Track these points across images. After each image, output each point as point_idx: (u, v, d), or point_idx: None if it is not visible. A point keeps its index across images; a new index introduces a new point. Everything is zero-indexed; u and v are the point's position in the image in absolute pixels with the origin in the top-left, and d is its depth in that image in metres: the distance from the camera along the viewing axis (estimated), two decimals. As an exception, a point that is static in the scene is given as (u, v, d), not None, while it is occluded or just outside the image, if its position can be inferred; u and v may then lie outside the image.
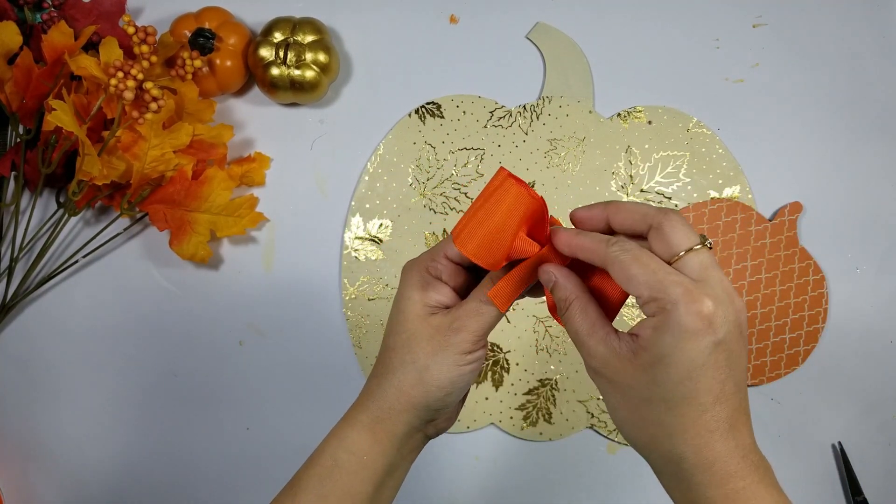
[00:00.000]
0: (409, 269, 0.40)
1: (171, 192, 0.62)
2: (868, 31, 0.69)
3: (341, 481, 0.38)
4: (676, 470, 0.32)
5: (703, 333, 0.30)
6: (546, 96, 0.67)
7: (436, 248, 0.39)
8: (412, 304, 0.38)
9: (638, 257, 0.31)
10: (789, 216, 0.65)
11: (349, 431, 0.39)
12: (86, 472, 0.66)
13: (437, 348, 0.37)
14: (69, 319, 0.67)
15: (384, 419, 0.38)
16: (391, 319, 0.40)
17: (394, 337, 0.39)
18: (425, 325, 0.38)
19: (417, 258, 0.40)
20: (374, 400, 0.39)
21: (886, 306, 0.65)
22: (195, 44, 0.63)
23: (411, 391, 0.38)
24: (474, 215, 0.35)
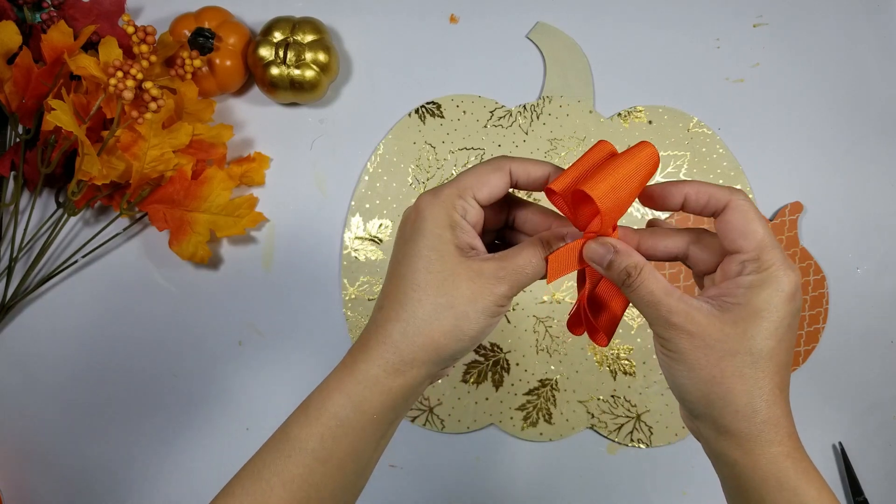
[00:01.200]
0: (430, 204, 0.35)
1: (170, 192, 0.62)
2: (868, 31, 0.69)
3: (346, 441, 0.35)
4: (747, 426, 0.33)
5: (792, 298, 0.33)
6: (546, 96, 0.67)
7: (458, 185, 0.36)
8: (444, 243, 0.35)
9: (759, 213, 0.34)
10: (790, 216, 0.65)
11: (357, 387, 0.35)
12: (86, 472, 0.66)
13: (477, 294, 0.34)
14: (69, 319, 0.67)
15: (404, 371, 0.35)
16: (413, 255, 0.35)
17: (423, 275, 0.34)
18: (463, 266, 0.34)
19: (439, 194, 0.36)
20: (392, 348, 0.35)
21: (887, 306, 0.65)
22: (195, 43, 0.63)
23: (442, 339, 0.34)
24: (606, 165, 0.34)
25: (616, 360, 0.65)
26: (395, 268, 0.36)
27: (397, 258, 0.36)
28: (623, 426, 0.64)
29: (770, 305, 0.33)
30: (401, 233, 0.37)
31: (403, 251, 0.36)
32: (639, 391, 0.64)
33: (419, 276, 0.34)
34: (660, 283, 0.34)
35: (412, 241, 0.35)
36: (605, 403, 0.64)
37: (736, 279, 0.34)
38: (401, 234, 0.37)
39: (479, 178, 0.36)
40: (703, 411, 0.34)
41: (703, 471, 0.64)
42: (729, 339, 0.33)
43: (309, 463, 0.34)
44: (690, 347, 0.33)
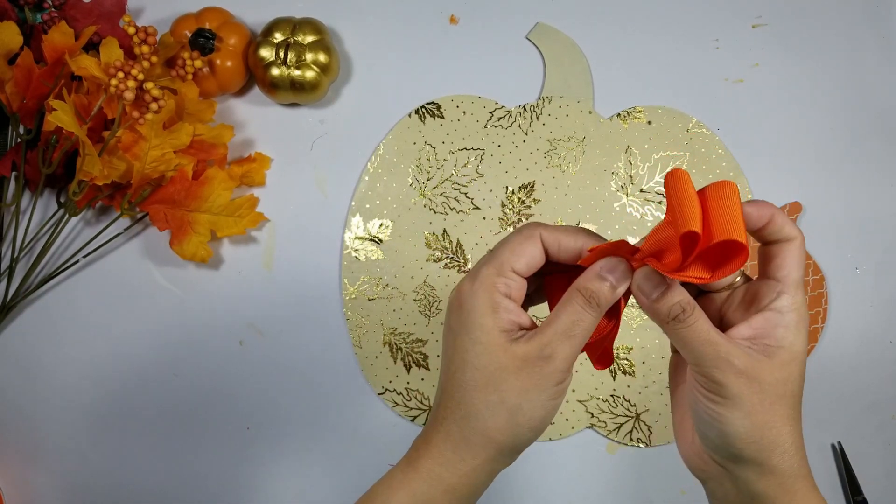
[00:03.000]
0: (471, 291, 0.34)
1: (171, 193, 0.62)
2: (868, 31, 0.69)
3: None
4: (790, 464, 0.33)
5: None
6: (546, 96, 0.67)
7: (495, 263, 0.34)
8: (487, 332, 0.33)
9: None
10: (789, 216, 0.65)
11: (421, 485, 0.34)
12: (86, 473, 0.66)
13: (527, 383, 0.33)
14: (69, 319, 0.67)
15: (465, 469, 0.34)
16: (460, 350, 0.34)
17: (471, 373, 0.33)
18: (509, 356, 0.33)
19: (477, 276, 0.34)
20: (451, 446, 0.34)
21: (886, 306, 0.65)
22: (195, 44, 0.63)
23: (499, 436, 0.34)
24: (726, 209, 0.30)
25: (616, 359, 0.65)
26: (446, 363, 0.35)
27: (448, 353, 0.35)
28: (622, 426, 0.64)
29: (803, 347, 0.33)
30: (448, 324, 0.36)
31: (453, 346, 0.35)
32: (638, 391, 0.64)
33: (467, 375, 0.34)
34: (709, 324, 0.33)
35: (459, 335, 0.34)
36: (604, 403, 0.64)
37: (774, 319, 0.33)
38: (448, 325, 0.36)
39: (514, 250, 0.35)
40: (752, 455, 0.33)
41: (703, 470, 0.64)
42: (779, 383, 0.32)
43: None
44: (748, 392, 0.32)
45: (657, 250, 0.32)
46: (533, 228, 0.35)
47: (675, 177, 0.31)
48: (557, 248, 0.35)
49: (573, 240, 0.35)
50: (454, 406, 0.34)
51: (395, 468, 0.36)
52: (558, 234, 0.35)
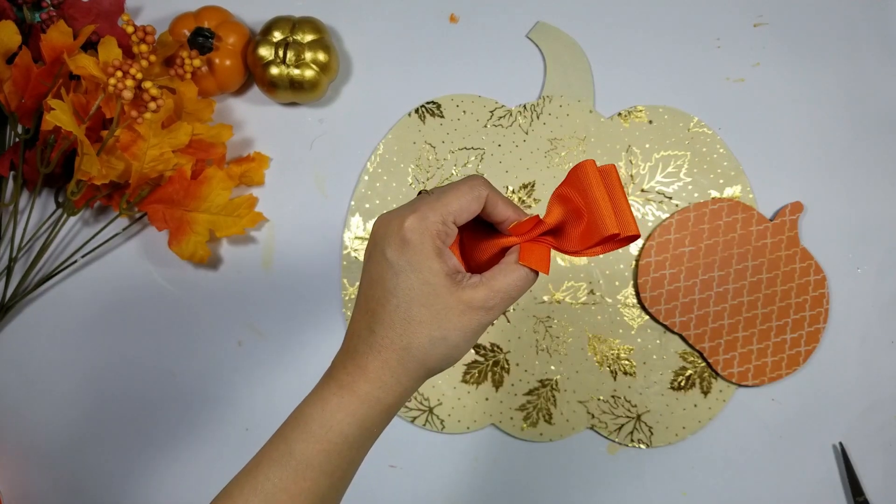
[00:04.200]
0: (418, 232, 0.37)
1: (170, 192, 0.62)
2: (869, 31, 0.68)
3: (349, 455, 0.38)
4: None
5: None
6: (546, 96, 0.67)
7: (442, 212, 0.37)
8: (435, 274, 0.37)
9: None
10: (790, 216, 0.65)
11: (361, 408, 0.37)
12: (86, 472, 0.65)
13: (467, 323, 0.37)
14: (68, 319, 0.67)
15: (399, 390, 0.38)
16: (407, 288, 0.37)
17: (417, 309, 0.37)
18: (454, 298, 0.37)
19: (424, 219, 0.37)
20: (390, 372, 0.37)
21: (888, 306, 0.65)
22: (194, 43, 0.63)
23: (434, 364, 0.38)
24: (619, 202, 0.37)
25: (616, 360, 0.64)
26: (384, 294, 0.37)
27: (386, 286, 0.37)
28: (623, 426, 0.64)
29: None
30: (382, 253, 0.38)
31: (395, 281, 0.37)
32: (639, 391, 0.64)
33: (413, 310, 0.37)
34: None
35: (403, 272, 0.37)
36: (605, 404, 0.64)
37: None
38: (383, 255, 0.37)
39: (462, 205, 0.37)
40: None
41: (704, 471, 0.64)
42: None
43: (316, 477, 0.37)
44: None
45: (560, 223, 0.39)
46: (482, 188, 0.38)
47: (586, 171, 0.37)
48: (491, 210, 0.39)
49: (506, 209, 0.39)
50: (395, 337, 0.37)
51: (324, 390, 0.38)
52: (498, 199, 0.39)
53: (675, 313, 0.64)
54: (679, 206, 0.66)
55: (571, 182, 0.38)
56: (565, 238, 0.39)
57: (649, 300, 0.64)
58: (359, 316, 0.39)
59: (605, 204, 0.37)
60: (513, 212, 0.39)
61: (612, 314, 0.65)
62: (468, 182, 0.38)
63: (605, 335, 0.65)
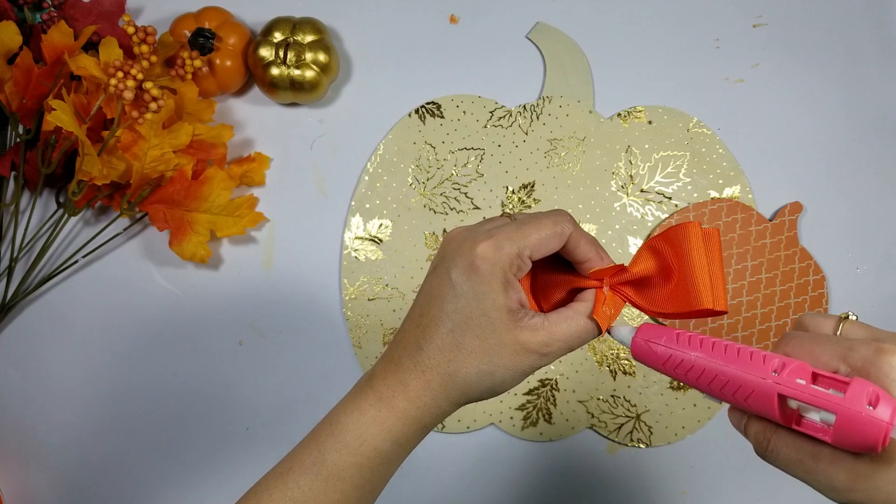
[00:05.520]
0: (489, 262, 0.35)
1: (170, 192, 0.62)
2: (868, 31, 0.68)
3: (381, 470, 0.37)
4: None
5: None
6: (546, 96, 0.67)
7: (520, 244, 0.35)
8: (497, 309, 0.35)
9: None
10: (789, 216, 0.65)
11: (398, 425, 0.36)
12: (86, 472, 0.66)
13: (518, 364, 0.36)
14: (69, 319, 0.67)
15: (437, 413, 0.37)
16: (463, 314, 0.35)
17: (471, 340, 0.35)
18: (511, 337, 0.35)
19: (500, 248, 0.35)
20: (431, 395, 0.36)
21: (887, 306, 0.65)
22: (195, 44, 0.63)
23: (476, 395, 0.37)
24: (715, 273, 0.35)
25: (616, 359, 0.65)
26: (440, 314, 0.36)
27: (444, 307, 0.36)
28: (623, 426, 0.64)
29: None
30: (447, 272, 0.36)
31: (454, 304, 0.36)
32: (638, 391, 0.64)
33: (466, 339, 0.36)
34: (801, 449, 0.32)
35: (465, 298, 0.35)
36: (604, 403, 0.64)
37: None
38: (447, 274, 0.36)
39: (542, 240, 0.36)
40: None
41: (703, 471, 0.64)
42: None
43: (346, 490, 0.36)
44: None
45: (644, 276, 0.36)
46: (567, 224, 0.36)
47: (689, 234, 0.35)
48: (573, 249, 0.37)
49: (588, 250, 0.37)
50: (442, 361, 0.36)
51: (362, 401, 0.37)
52: (581, 238, 0.37)
53: (675, 313, 0.64)
54: (678, 207, 0.66)
55: (670, 239, 0.36)
56: (647, 295, 0.36)
57: (649, 300, 0.64)
58: (410, 327, 0.38)
59: (702, 273, 0.34)
60: (595, 253, 0.37)
61: (611, 314, 0.65)
62: (553, 216, 0.36)
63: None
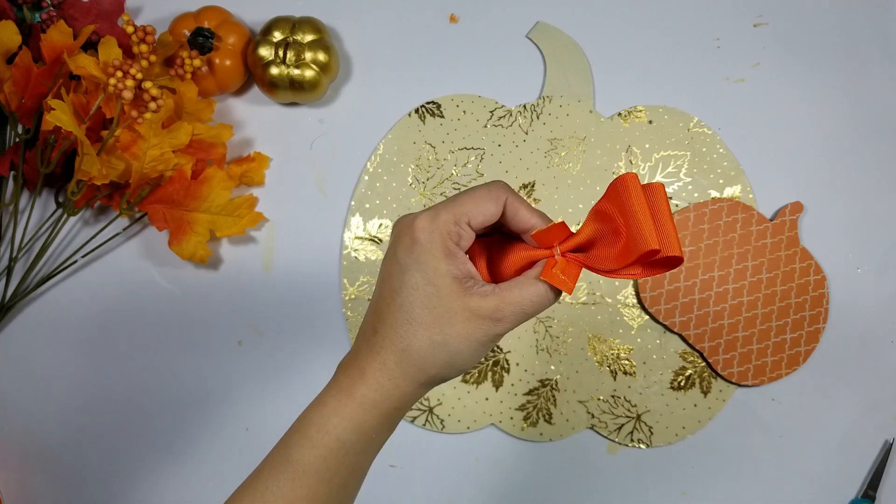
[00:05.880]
0: (427, 231, 0.35)
1: (170, 192, 0.62)
2: (868, 31, 0.68)
3: (347, 461, 0.37)
4: None
5: None
6: (546, 96, 0.67)
7: (455, 211, 0.35)
8: (441, 276, 0.35)
9: None
10: (790, 216, 0.65)
11: (357, 411, 0.36)
12: (86, 472, 0.66)
13: (472, 332, 0.35)
14: (68, 319, 0.67)
15: (398, 395, 0.36)
16: (410, 287, 0.35)
17: (419, 310, 0.35)
18: (460, 303, 0.35)
19: (435, 218, 0.35)
20: (388, 374, 0.36)
21: (887, 306, 0.65)
22: (194, 43, 0.63)
23: (434, 370, 0.36)
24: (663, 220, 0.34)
25: (616, 360, 0.64)
26: (390, 294, 0.36)
27: (392, 285, 0.36)
28: (623, 426, 0.64)
29: None
30: (394, 253, 0.37)
31: (400, 280, 0.36)
32: (639, 391, 0.64)
33: (416, 311, 0.35)
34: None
35: (409, 271, 0.35)
36: (605, 403, 0.64)
37: None
38: (394, 254, 0.37)
39: (477, 205, 0.36)
40: None
41: (703, 471, 0.64)
42: None
43: (313, 484, 0.36)
44: None
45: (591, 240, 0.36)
46: (501, 190, 0.36)
47: (627, 184, 0.34)
48: (513, 216, 0.37)
49: (530, 216, 0.37)
50: (395, 338, 0.36)
51: (325, 394, 0.38)
52: (520, 205, 0.37)
53: (675, 313, 0.64)
54: (679, 206, 0.66)
55: (610, 196, 0.35)
56: (599, 256, 0.35)
57: (649, 300, 0.64)
58: (367, 317, 0.38)
59: (644, 217, 0.33)
60: (539, 219, 0.37)
61: (611, 314, 0.65)
62: (487, 185, 0.37)
63: (605, 335, 0.65)
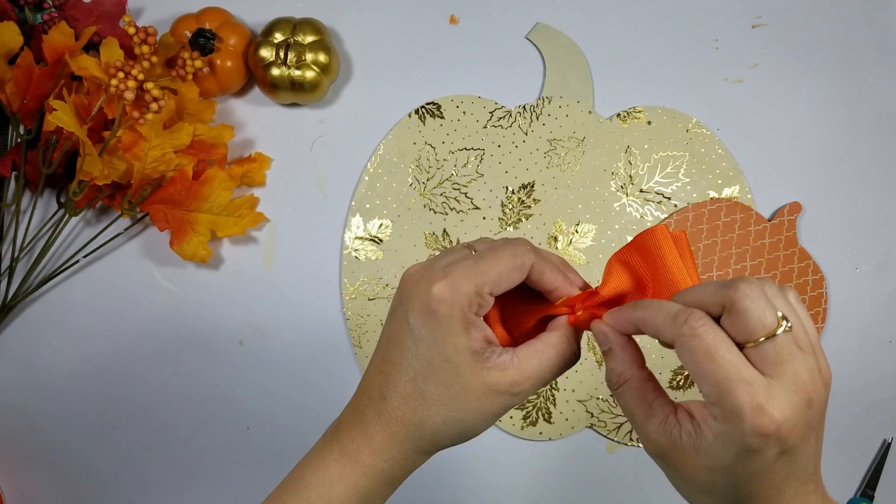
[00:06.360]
0: (446, 303, 0.32)
1: (171, 193, 0.62)
2: (868, 31, 0.69)
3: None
4: None
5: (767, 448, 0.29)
6: (546, 96, 0.67)
7: (478, 281, 0.33)
8: (459, 353, 0.33)
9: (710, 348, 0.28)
10: (788, 216, 0.65)
11: (363, 480, 0.34)
12: (86, 472, 0.66)
13: (488, 407, 0.34)
14: (70, 319, 0.67)
15: (406, 466, 0.35)
16: (424, 361, 0.33)
17: (435, 387, 0.33)
18: (478, 380, 0.33)
19: (457, 289, 0.33)
20: (398, 447, 0.34)
21: (886, 306, 0.65)
22: (196, 44, 0.63)
23: (448, 443, 0.35)
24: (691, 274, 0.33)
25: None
26: (400, 361, 0.34)
27: (403, 353, 0.34)
28: (622, 425, 0.64)
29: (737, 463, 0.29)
30: (405, 317, 0.34)
31: (414, 351, 0.33)
32: (638, 391, 0.64)
33: (430, 387, 0.33)
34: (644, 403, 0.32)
35: (423, 344, 0.33)
36: (604, 403, 0.64)
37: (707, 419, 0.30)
38: (405, 319, 0.34)
39: (501, 274, 0.33)
40: None
41: (703, 470, 0.64)
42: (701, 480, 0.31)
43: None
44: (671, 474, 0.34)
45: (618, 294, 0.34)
46: (527, 256, 0.34)
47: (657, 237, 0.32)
48: (537, 280, 0.35)
49: (554, 279, 0.35)
50: (407, 411, 0.34)
51: (327, 455, 0.35)
52: (545, 268, 0.35)
53: (674, 313, 0.64)
54: (678, 207, 0.66)
55: (639, 248, 0.33)
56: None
57: (648, 300, 0.64)
58: (373, 374, 0.36)
59: (683, 278, 0.32)
60: (563, 280, 0.35)
61: (611, 314, 0.65)
62: (511, 248, 0.34)
63: (605, 335, 0.65)
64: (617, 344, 0.33)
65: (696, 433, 0.30)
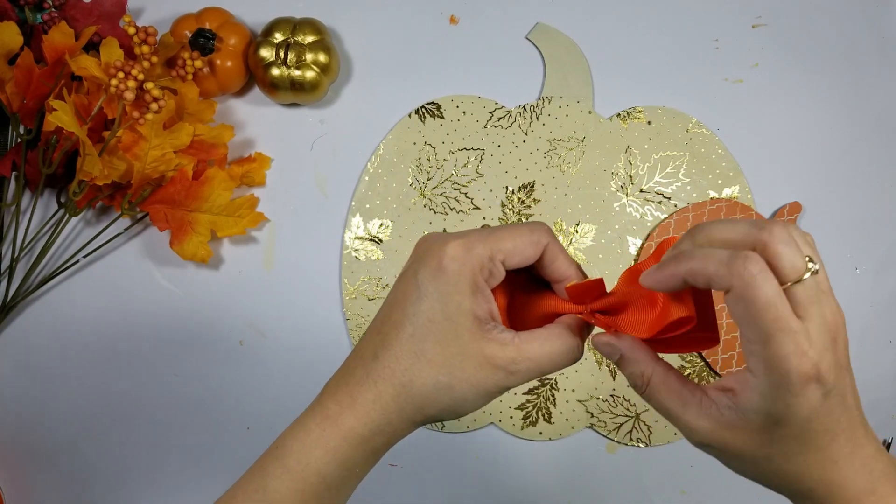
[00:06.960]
0: (458, 261, 0.32)
1: (171, 193, 0.62)
2: (868, 31, 0.69)
3: (327, 496, 0.34)
4: (809, 502, 0.32)
5: (811, 391, 0.29)
6: (546, 96, 0.67)
7: (492, 246, 0.33)
8: (462, 314, 0.32)
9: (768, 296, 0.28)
10: (788, 216, 0.65)
11: (343, 445, 0.33)
12: (87, 472, 0.66)
13: (481, 380, 0.32)
14: (69, 319, 0.67)
15: (390, 432, 0.34)
16: (426, 317, 0.32)
17: (431, 346, 0.32)
18: (476, 347, 0.32)
19: (471, 249, 0.32)
20: (382, 410, 0.33)
21: (886, 306, 0.65)
22: (196, 44, 0.63)
23: (433, 412, 0.34)
24: None
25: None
26: (401, 318, 0.33)
27: (405, 310, 0.33)
28: (622, 425, 0.64)
29: (787, 411, 0.29)
30: (414, 274, 0.33)
31: (416, 307, 0.33)
32: (638, 391, 0.64)
33: (426, 346, 0.32)
34: (674, 395, 0.32)
35: (428, 299, 0.32)
36: (604, 403, 0.64)
37: (745, 378, 0.30)
38: (414, 276, 0.33)
39: (516, 246, 0.33)
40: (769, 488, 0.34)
41: (703, 470, 0.64)
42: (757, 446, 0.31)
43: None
44: (726, 458, 0.33)
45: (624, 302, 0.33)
46: (543, 234, 0.34)
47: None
48: (549, 263, 0.35)
49: (567, 267, 0.35)
50: (398, 370, 0.33)
51: (308, 419, 0.34)
52: (559, 253, 0.35)
53: (674, 313, 0.64)
54: (678, 207, 0.66)
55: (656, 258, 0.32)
56: (630, 322, 0.33)
57: (648, 300, 0.64)
58: (368, 336, 0.35)
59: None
60: (575, 271, 0.35)
61: (611, 314, 0.65)
62: (529, 225, 0.34)
63: (605, 335, 0.65)
64: (625, 348, 0.33)
65: (736, 404, 0.30)
